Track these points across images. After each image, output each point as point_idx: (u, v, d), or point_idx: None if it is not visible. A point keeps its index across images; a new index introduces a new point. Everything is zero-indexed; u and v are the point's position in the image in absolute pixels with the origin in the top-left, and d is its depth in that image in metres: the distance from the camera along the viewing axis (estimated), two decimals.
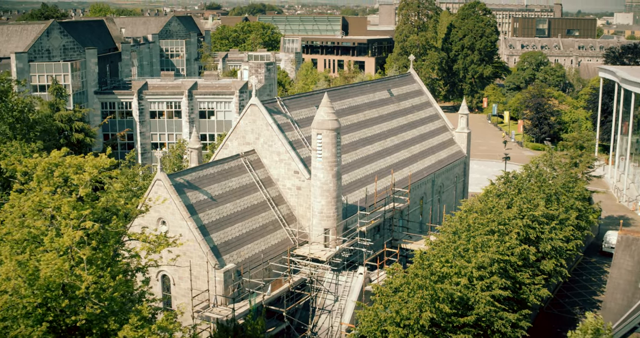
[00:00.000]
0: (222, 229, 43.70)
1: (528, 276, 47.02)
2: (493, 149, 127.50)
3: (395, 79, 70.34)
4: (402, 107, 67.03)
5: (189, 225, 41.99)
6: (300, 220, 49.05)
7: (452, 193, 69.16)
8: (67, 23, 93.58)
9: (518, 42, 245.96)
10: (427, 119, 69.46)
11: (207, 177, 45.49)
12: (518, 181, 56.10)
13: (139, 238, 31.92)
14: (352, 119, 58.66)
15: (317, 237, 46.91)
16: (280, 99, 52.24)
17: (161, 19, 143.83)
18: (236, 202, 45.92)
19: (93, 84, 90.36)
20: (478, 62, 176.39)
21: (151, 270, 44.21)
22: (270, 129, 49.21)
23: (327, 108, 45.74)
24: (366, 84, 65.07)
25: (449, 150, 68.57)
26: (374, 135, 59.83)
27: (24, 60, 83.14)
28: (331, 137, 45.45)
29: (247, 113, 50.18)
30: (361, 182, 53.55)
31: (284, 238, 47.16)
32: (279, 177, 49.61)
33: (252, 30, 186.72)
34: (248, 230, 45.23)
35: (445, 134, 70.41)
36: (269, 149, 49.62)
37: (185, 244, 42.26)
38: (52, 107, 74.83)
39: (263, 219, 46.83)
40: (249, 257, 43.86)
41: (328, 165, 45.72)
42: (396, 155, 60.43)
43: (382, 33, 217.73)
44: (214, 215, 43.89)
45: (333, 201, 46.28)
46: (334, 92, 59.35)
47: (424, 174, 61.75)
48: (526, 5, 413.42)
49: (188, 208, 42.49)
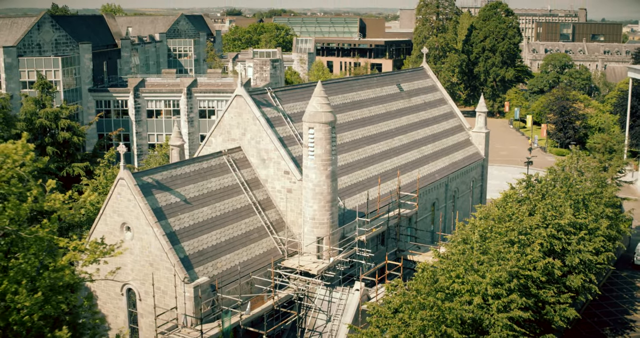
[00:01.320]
0: (196, 237, 37.78)
1: (552, 294, 40.57)
2: (514, 154, 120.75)
3: (406, 73, 64.18)
4: (413, 104, 60.83)
5: (155, 232, 36.11)
6: (291, 227, 43.03)
7: (469, 200, 62.76)
8: (60, 16, 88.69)
9: (541, 46, 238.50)
10: (440, 117, 63.20)
11: (181, 176, 39.65)
12: (542, 185, 49.60)
13: (68, 245, 25.97)
14: (355, 115, 52.59)
15: (308, 246, 40.87)
16: (272, 89, 46.36)
17: (169, 18, 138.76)
18: (215, 206, 40.00)
19: (87, 81, 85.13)
20: (500, 64, 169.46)
21: (115, 284, 38.44)
22: (258, 124, 43.28)
23: (320, 98, 39.75)
24: (372, 77, 58.99)
25: (465, 151, 62.22)
26: (380, 133, 53.70)
27: (12, 54, 78.09)
28: (325, 131, 39.43)
29: (232, 105, 44.32)
30: (363, 185, 47.42)
31: (270, 248, 41.14)
32: (267, 178, 43.66)
33: (266, 32, 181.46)
34: (228, 239, 39.27)
35: (461, 134, 64.07)
36: (256, 146, 43.70)
37: (152, 254, 36.44)
38: (38, 104, 69.68)
39: (247, 226, 40.85)
40: (227, 270, 37.88)
41: (321, 164, 39.69)
42: (405, 155, 54.23)
43: (401, 35, 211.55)
44: (187, 220, 37.99)
45: (327, 205, 40.22)
46: (334, 85, 53.36)
47: (436, 177, 55.48)
48: (550, 11, 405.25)
49: (155, 212, 36.63)
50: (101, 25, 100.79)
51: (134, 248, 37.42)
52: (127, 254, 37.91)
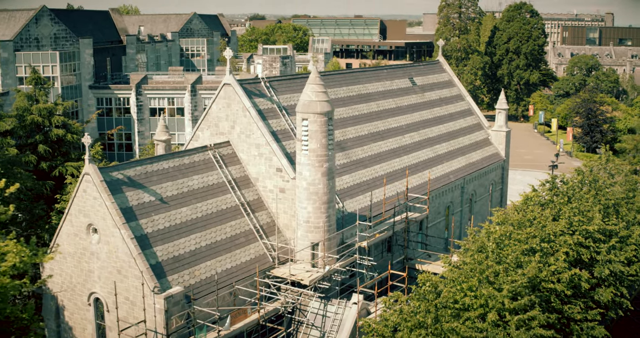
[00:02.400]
0: (172, 241, 33.32)
1: (579, 310, 35.55)
2: (539, 158, 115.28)
3: (420, 66, 59.37)
4: (426, 99, 56.02)
5: (123, 235, 31.71)
6: (283, 231, 38.44)
7: (487, 204, 57.75)
8: (61, 10, 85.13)
9: (567, 50, 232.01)
10: (457, 114, 58.30)
11: (158, 173, 35.24)
12: (568, 187, 44.49)
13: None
14: (361, 109, 47.92)
15: (301, 253, 36.26)
16: (266, 79, 41.88)
17: (182, 17, 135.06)
18: (196, 206, 35.52)
19: (88, 78, 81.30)
20: (524, 67, 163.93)
21: (82, 292, 34.16)
22: (248, 115, 38.79)
23: (316, 86, 35.19)
24: (382, 70, 54.30)
25: (484, 151, 57.25)
26: (389, 129, 48.98)
27: (9, 49, 74.50)
28: (320, 123, 34.85)
29: (220, 95, 39.91)
30: (367, 185, 42.72)
31: (259, 255, 36.56)
32: (258, 176, 39.14)
33: (283, 32, 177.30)
34: (209, 243, 34.76)
35: (480, 133, 59.10)
36: (246, 140, 39.21)
37: (120, 260, 32.08)
38: (30, 99, 65.81)
39: (232, 229, 36.32)
40: (206, 278, 33.36)
41: (316, 160, 35.09)
42: (416, 154, 49.44)
43: (422, 37, 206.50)
44: (162, 222, 33.55)
45: (323, 207, 35.59)
46: (338, 76, 48.78)
47: (450, 179, 50.61)
48: (576, 15, 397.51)
49: (124, 212, 32.25)
50: (106, 21, 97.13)
51: (100, 252, 33.08)
52: (94, 259, 33.63)
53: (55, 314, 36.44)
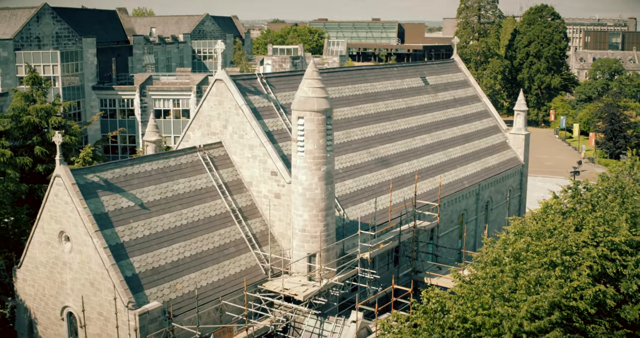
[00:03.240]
0: (152, 250, 30.19)
1: (604, 330, 31.76)
2: (560, 164, 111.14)
3: (434, 65, 55.96)
4: (439, 99, 52.59)
5: (95, 243, 28.64)
6: (279, 240, 35.19)
7: (504, 211, 54.15)
8: (64, 9, 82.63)
9: (589, 55, 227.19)
10: (472, 116, 54.79)
11: (139, 175, 32.17)
12: (592, 194, 40.78)
13: None
14: (368, 109, 44.63)
15: (298, 265, 33.00)
16: (263, 75, 38.75)
17: (194, 18, 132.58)
18: (181, 213, 32.39)
19: (91, 78, 78.67)
20: (545, 71, 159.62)
21: (55, 305, 31.16)
22: (241, 114, 35.63)
23: (313, 81, 31.98)
24: (392, 68, 50.94)
25: (501, 155, 53.68)
26: (398, 131, 45.64)
27: (9, 48, 72.07)
28: (317, 122, 31.62)
29: (212, 92, 36.81)
30: (372, 191, 39.39)
31: (250, 266, 33.32)
32: (252, 179, 35.94)
33: (299, 35, 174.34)
34: (194, 253, 31.60)
35: (497, 136, 55.52)
36: (239, 140, 36.06)
37: (93, 271, 29.03)
38: (27, 100, 63.21)
39: (221, 238, 33.14)
40: (190, 292, 30.16)
41: (313, 163, 31.85)
42: (427, 158, 46.04)
43: (441, 40, 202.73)
44: (141, 229, 30.45)
45: (320, 214, 32.32)
46: (343, 73, 45.56)
47: (464, 184, 47.13)
48: (598, 20, 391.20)
49: (98, 219, 29.19)
50: (112, 20, 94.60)
51: (73, 263, 30.03)
52: (66, 270, 30.59)
53: (29, 328, 33.48)
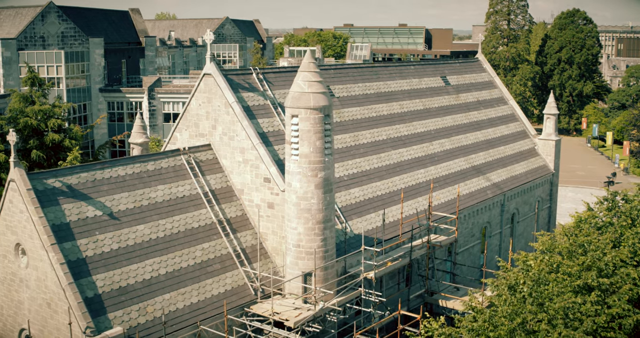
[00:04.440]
0: (120, 267, 26.16)
1: None
2: (592, 174, 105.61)
3: (455, 64, 51.47)
4: (461, 101, 48.09)
5: (51, 258, 24.69)
6: (272, 256, 30.99)
7: (532, 225, 49.41)
8: (72, 8, 79.55)
9: (622, 62, 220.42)
10: (498, 120, 50.19)
11: (110, 181, 28.21)
12: (632, 207, 35.97)
13: None
14: (380, 110, 40.32)
15: (292, 285, 28.76)
16: (259, 69, 34.67)
17: (214, 22, 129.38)
18: (157, 224, 28.34)
19: (98, 80, 75.31)
20: (577, 77, 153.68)
21: (13, 327, 27.27)
22: (231, 112, 31.56)
23: (309, 74, 27.81)
24: (409, 66, 46.58)
25: (529, 163, 48.98)
26: (413, 134, 41.26)
27: (11, 48, 69.00)
28: (314, 121, 27.42)
29: (200, 88, 32.80)
30: (381, 201, 35.03)
31: (237, 286, 29.14)
32: (243, 187, 31.81)
33: (323, 40, 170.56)
34: (171, 270, 27.50)
35: (525, 142, 50.83)
36: (229, 143, 31.97)
37: (50, 290, 25.06)
38: (26, 101, 59.92)
39: (204, 253, 29.01)
40: (163, 316, 26.04)
41: (309, 168, 27.64)
42: (446, 164, 41.57)
43: (469, 46, 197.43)
44: (108, 242, 26.46)
45: (317, 227, 28.06)
46: (353, 70, 41.30)
47: (488, 194, 42.56)
48: (632, 27, 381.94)
49: (57, 230, 25.25)
50: (123, 21, 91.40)
51: (29, 280, 26.13)
52: (23, 288, 26.69)
53: None
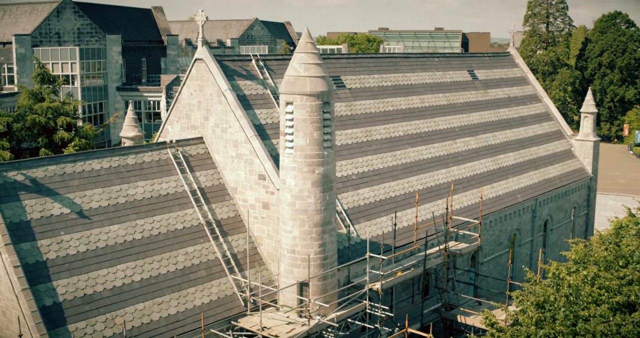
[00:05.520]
0: (87, 272, 23.00)
1: None
2: (634, 182, 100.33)
3: (485, 58, 47.63)
4: (490, 97, 44.24)
5: (4, 260, 21.64)
6: (268, 263, 27.59)
7: (567, 233, 45.24)
8: (89, 4, 77.56)
9: None
10: (530, 118, 46.18)
11: (82, 175, 25.12)
12: None
13: None
14: (398, 104, 36.73)
15: (287, 296, 25.32)
16: (260, 56, 31.40)
17: (243, 23, 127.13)
18: (135, 224, 25.15)
19: (115, 78, 73.06)
20: (619, 82, 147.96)
21: None
22: (224, 102, 28.31)
23: (306, 56, 24.44)
24: (432, 58, 42.94)
25: (564, 165, 44.87)
26: (434, 131, 37.57)
27: (26, 44, 67.10)
28: (311, 109, 24.01)
29: (191, 75, 29.64)
30: (395, 203, 31.42)
31: (225, 296, 25.76)
32: (237, 185, 28.51)
33: (356, 44, 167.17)
34: (147, 277, 24.26)
35: (560, 143, 46.72)
36: (222, 135, 28.71)
37: (4, 296, 22.03)
38: (35, 97, 57.65)
39: (187, 258, 25.73)
40: (134, 328, 22.79)
41: (305, 163, 24.22)
42: (470, 165, 37.78)
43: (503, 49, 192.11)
44: (75, 244, 23.33)
45: (314, 231, 24.60)
46: (369, 60, 37.78)
47: (517, 199, 38.63)
48: None
49: (15, 229, 22.19)
50: (145, 19, 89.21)
51: None
52: None
53: None
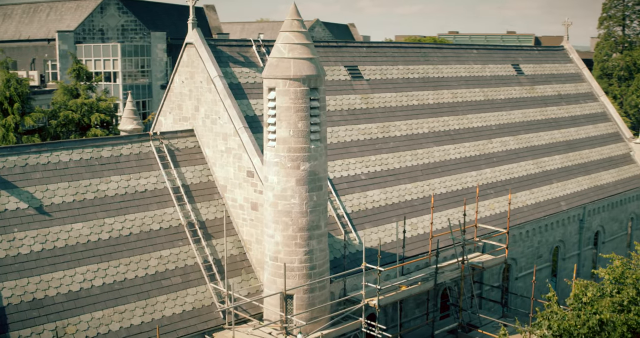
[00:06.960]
0: (40, 274, 20.56)
1: None
2: None
3: (534, 51, 43.39)
4: (537, 94, 40.09)
5: None
6: (257, 270, 24.61)
7: (623, 247, 40.56)
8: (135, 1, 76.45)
9: None
10: (583, 118, 41.75)
11: (48, 167, 22.75)
12: None
13: None
14: (424, 98, 33.19)
15: (270, 310, 22.29)
16: (262, 41, 28.55)
17: (306, 24, 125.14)
18: (102, 223, 22.59)
19: (160, 77, 71.62)
20: None
21: None
22: (214, 90, 25.50)
23: (291, 35, 21.39)
24: (470, 49, 39.11)
25: (620, 171, 40.27)
26: (466, 129, 33.84)
27: (69, 41, 66.39)
28: (295, 95, 20.94)
29: (182, 61, 27.00)
30: (410, 207, 27.94)
31: (202, 306, 22.90)
32: (227, 182, 25.66)
33: None
34: (111, 282, 21.63)
35: (617, 146, 42.10)
36: (212, 127, 25.93)
37: None
38: (70, 93, 56.60)
39: (161, 262, 23.00)
40: None
41: (288, 158, 21.16)
42: (507, 167, 33.87)
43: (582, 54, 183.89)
44: (29, 243, 20.89)
45: (299, 236, 21.49)
46: (393, 50, 34.33)
47: (561, 206, 34.46)
48: None
49: None
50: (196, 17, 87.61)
51: None
52: None
53: None
